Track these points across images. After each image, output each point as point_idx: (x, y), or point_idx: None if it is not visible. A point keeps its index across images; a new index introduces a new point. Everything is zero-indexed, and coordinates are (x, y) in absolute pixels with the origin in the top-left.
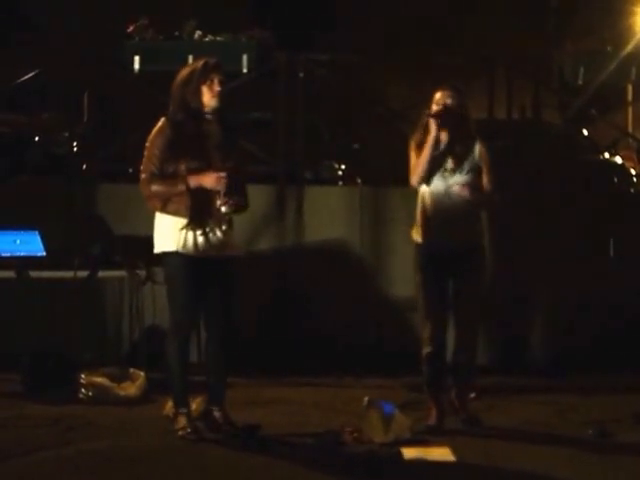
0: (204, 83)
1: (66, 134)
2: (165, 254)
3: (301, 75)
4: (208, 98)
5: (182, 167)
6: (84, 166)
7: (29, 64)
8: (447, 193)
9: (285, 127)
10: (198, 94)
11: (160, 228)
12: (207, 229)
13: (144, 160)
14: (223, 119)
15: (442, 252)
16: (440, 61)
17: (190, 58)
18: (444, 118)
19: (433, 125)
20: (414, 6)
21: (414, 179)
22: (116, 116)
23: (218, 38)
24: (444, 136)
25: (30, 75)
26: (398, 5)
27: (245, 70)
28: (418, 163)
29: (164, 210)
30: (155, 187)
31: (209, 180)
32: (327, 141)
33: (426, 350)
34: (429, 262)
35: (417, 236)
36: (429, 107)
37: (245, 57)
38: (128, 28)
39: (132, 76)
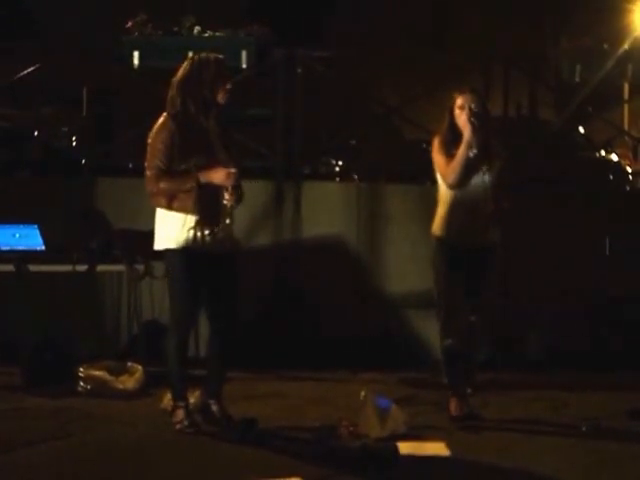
0: (219, 80)
1: (65, 129)
2: (169, 251)
3: (299, 71)
4: (221, 95)
5: (191, 163)
6: (83, 160)
7: (29, 59)
8: (477, 192)
9: (283, 123)
10: (213, 90)
11: (164, 225)
12: (217, 225)
13: (148, 157)
14: (218, 114)
15: (468, 247)
16: (437, 58)
17: (189, 54)
18: (477, 122)
19: (468, 129)
20: (412, 4)
21: (450, 181)
22: (115, 111)
23: (217, 34)
24: (471, 138)
25: (30, 70)
26: (396, 3)
27: (244, 66)
28: (454, 165)
29: (170, 207)
30: (163, 184)
31: (219, 176)
32: (325, 137)
33: (447, 342)
34: (454, 256)
35: (440, 231)
36: (450, 110)
37: (244, 53)
38: (127, 23)
39: (131, 71)
